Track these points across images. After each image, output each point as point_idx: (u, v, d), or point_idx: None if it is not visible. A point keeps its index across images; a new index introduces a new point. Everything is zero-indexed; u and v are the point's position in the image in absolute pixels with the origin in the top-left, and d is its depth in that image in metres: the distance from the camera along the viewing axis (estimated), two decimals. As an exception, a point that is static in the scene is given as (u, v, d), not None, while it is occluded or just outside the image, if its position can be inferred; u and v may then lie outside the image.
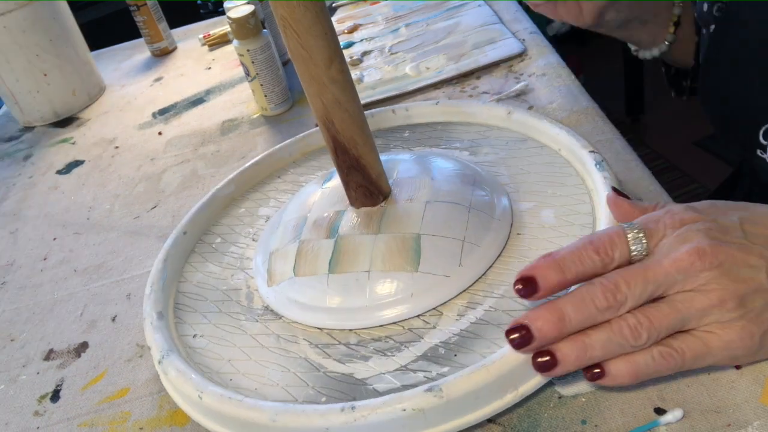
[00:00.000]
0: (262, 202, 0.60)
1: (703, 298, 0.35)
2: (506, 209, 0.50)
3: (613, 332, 0.35)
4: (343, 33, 0.95)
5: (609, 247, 0.36)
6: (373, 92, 0.77)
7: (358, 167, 0.47)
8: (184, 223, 0.56)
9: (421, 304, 0.44)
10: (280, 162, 0.64)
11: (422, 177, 0.50)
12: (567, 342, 0.36)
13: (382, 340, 0.44)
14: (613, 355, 0.36)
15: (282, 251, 0.49)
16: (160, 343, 0.45)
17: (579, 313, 0.35)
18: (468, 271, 0.45)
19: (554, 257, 0.37)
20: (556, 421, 0.37)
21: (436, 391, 0.36)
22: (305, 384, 0.42)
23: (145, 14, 1.02)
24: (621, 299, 0.35)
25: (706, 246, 0.35)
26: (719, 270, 0.34)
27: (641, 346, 0.35)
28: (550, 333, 0.35)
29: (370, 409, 0.37)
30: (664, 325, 0.35)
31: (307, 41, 0.42)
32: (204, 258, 0.55)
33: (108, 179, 0.76)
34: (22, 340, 0.55)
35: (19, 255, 0.67)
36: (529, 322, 0.36)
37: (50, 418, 0.47)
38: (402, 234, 0.46)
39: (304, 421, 0.38)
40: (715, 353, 0.35)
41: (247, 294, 0.50)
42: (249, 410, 0.39)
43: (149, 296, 0.49)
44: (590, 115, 0.62)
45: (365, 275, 0.45)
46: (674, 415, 0.36)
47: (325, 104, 0.44)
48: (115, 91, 0.99)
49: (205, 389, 0.41)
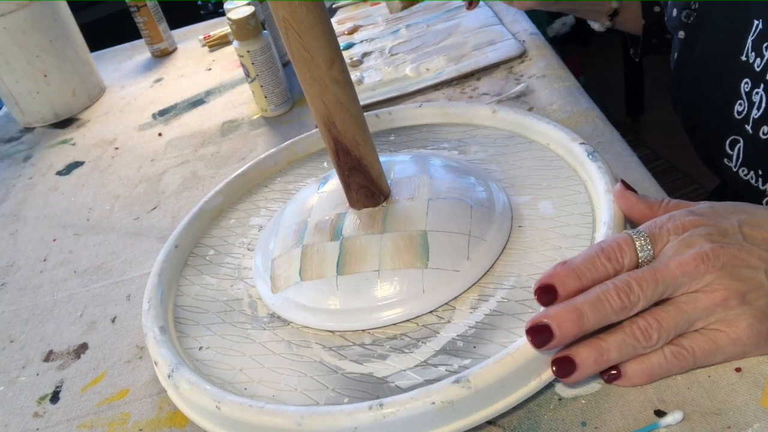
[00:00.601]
0: (252, 211, 0.59)
1: (707, 298, 0.36)
2: (505, 203, 0.50)
3: (626, 334, 0.37)
4: (343, 34, 0.95)
5: (619, 254, 0.38)
6: (374, 93, 0.77)
7: (359, 168, 0.47)
8: (175, 236, 0.55)
9: (434, 300, 0.44)
10: (267, 171, 0.63)
11: (420, 176, 0.51)
12: (584, 347, 0.37)
13: (397, 338, 0.44)
14: (628, 357, 0.37)
15: (285, 257, 0.49)
16: (167, 357, 0.44)
17: (596, 313, 0.36)
18: (476, 265, 0.46)
19: (570, 265, 0.38)
20: (556, 423, 0.37)
21: (464, 381, 0.36)
22: (324, 387, 0.42)
23: (146, 15, 1.02)
24: (634, 300, 0.36)
25: (708, 250, 0.36)
26: (721, 271, 0.36)
27: (652, 346, 0.37)
28: (569, 331, 0.36)
29: (399, 404, 0.36)
30: (672, 326, 0.36)
31: (309, 42, 0.42)
32: (199, 270, 0.54)
33: (108, 180, 0.76)
34: (21, 342, 0.55)
35: (19, 256, 0.67)
36: (549, 320, 0.37)
37: (50, 420, 0.47)
38: (408, 232, 0.46)
39: (331, 423, 0.37)
40: (724, 350, 0.37)
41: (249, 303, 0.50)
42: (272, 416, 0.38)
43: (148, 312, 0.48)
44: (590, 116, 0.62)
45: (375, 274, 0.45)
46: (674, 418, 0.36)
47: (327, 105, 0.44)
48: (115, 92, 0.99)
49: (222, 399, 0.40)
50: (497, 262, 0.47)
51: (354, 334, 0.45)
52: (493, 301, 0.44)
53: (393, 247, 0.45)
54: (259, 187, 0.62)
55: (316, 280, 0.46)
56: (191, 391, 0.42)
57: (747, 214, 0.39)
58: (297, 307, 0.47)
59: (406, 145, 0.62)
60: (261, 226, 0.57)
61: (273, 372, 0.44)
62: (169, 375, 0.43)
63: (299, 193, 0.56)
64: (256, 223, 0.58)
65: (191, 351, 0.47)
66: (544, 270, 0.43)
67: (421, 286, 0.44)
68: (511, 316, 0.43)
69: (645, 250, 0.38)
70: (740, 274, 0.36)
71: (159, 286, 0.51)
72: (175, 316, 0.50)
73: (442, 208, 0.47)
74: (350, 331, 0.45)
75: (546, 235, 0.48)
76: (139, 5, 1.01)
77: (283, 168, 0.64)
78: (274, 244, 0.51)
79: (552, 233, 0.48)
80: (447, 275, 0.45)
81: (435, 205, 0.48)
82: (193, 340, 0.48)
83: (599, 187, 0.47)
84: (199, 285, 0.52)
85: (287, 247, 0.49)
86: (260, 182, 0.63)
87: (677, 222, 0.39)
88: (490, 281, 0.46)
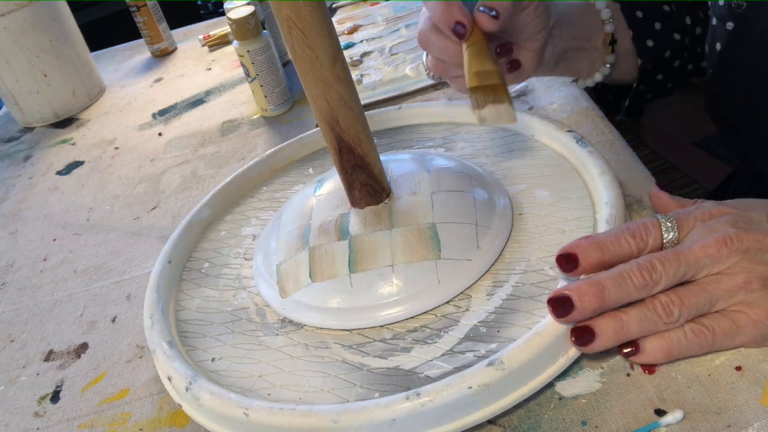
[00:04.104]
0: (242, 222, 0.58)
1: (729, 279, 0.37)
2: (504, 192, 0.52)
3: (647, 309, 0.37)
4: (343, 34, 0.95)
5: (644, 233, 0.40)
6: (373, 93, 0.77)
7: (362, 165, 0.47)
8: (168, 252, 0.54)
9: (450, 290, 0.45)
10: (252, 181, 0.63)
11: (418, 172, 0.51)
12: (605, 318, 0.38)
13: (418, 330, 0.44)
14: (648, 332, 0.38)
15: (291, 261, 0.48)
16: (182, 371, 0.43)
17: (617, 288, 0.37)
18: (486, 253, 0.46)
19: (594, 238, 0.39)
20: (557, 423, 0.37)
21: (498, 364, 0.37)
22: (352, 384, 0.41)
23: (146, 15, 1.02)
24: (656, 278, 0.37)
25: (732, 234, 0.37)
26: (744, 255, 0.37)
27: (673, 323, 0.37)
28: (590, 304, 0.37)
29: (436, 392, 0.36)
30: (694, 303, 0.37)
31: (312, 40, 0.42)
32: (196, 284, 0.53)
33: (108, 180, 0.76)
34: (21, 341, 0.55)
35: (19, 256, 0.67)
36: (570, 292, 0.37)
37: (50, 419, 0.47)
38: (417, 225, 0.46)
39: (368, 417, 0.37)
40: (744, 331, 0.37)
41: (257, 311, 0.49)
42: (306, 417, 0.38)
43: (152, 328, 0.47)
44: (590, 116, 0.62)
45: (389, 269, 0.45)
46: (675, 417, 0.36)
47: (331, 103, 0.44)
48: (115, 91, 0.99)
49: (250, 406, 0.39)
50: (505, 249, 0.47)
51: (373, 330, 0.45)
52: (507, 287, 0.45)
53: (404, 241, 0.46)
54: (246, 198, 0.61)
55: (329, 280, 0.46)
56: (214, 401, 0.40)
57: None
58: (310, 309, 0.46)
59: (391, 146, 0.63)
60: (254, 235, 0.56)
61: (295, 375, 0.43)
62: (187, 388, 0.41)
63: (293, 200, 0.56)
64: (249, 233, 0.57)
65: (204, 363, 0.46)
66: (552, 254, 0.44)
67: (436, 277, 0.45)
68: (529, 299, 0.43)
69: (670, 232, 0.39)
70: (763, 258, 0.37)
71: (158, 301, 0.49)
72: (179, 331, 0.49)
73: (446, 200, 0.48)
74: (368, 327, 0.45)
75: (548, 220, 0.49)
76: (139, 5, 1.01)
77: (268, 177, 0.63)
78: (275, 251, 0.51)
79: (553, 218, 0.49)
80: (460, 265, 0.45)
81: (439, 198, 0.48)
82: (204, 353, 0.47)
83: (593, 171, 0.49)
84: (199, 298, 0.51)
85: (292, 252, 0.49)
86: (246, 193, 0.62)
87: (704, 210, 0.40)
88: (501, 268, 0.46)
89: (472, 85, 0.45)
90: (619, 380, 0.39)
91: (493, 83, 0.44)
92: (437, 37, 0.49)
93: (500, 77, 0.45)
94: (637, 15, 0.58)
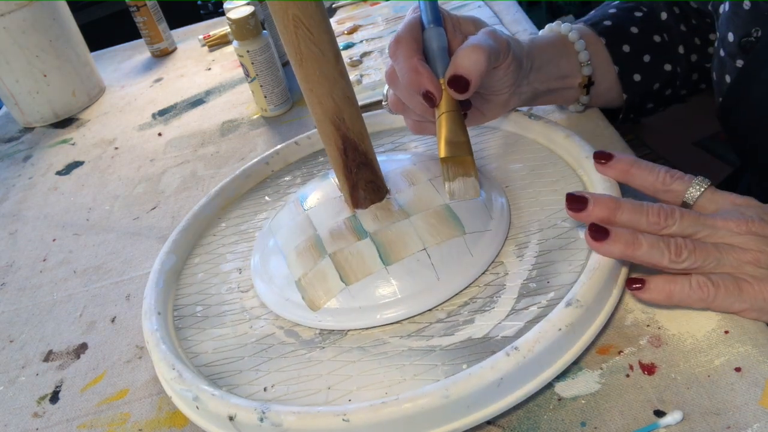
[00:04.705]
0: (216, 260, 0.55)
1: (741, 251, 0.39)
2: (487, 169, 0.55)
3: (661, 240, 0.40)
4: (343, 34, 0.95)
5: (672, 176, 0.43)
6: (373, 93, 0.77)
7: (366, 162, 0.47)
8: (152, 305, 0.49)
9: (483, 260, 0.46)
10: (206, 220, 0.59)
11: (404, 165, 0.52)
12: (622, 228, 0.40)
13: (469, 303, 0.44)
14: (653, 261, 0.40)
15: (313, 272, 0.46)
16: (245, 405, 0.39)
17: (631, 213, 0.41)
18: (501, 222, 0.49)
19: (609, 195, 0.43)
20: (556, 423, 0.37)
21: (575, 302, 0.39)
22: (434, 365, 0.41)
23: (145, 15, 1.02)
24: (670, 222, 0.40)
25: (756, 221, 0.40)
26: (760, 239, 0.39)
27: (678, 263, 0.39)
28: (600, 212, 0.41)
29: (532, 342, 0.38)
30: (703, 255, 0.39)
31: (319, 37, 0.42)
32: (199, 328, 0.49)
33: (107, 180, 0.76)
34: (21, 341, 0.55)
35: (19, 256, 0.67)
36: (589, 196, 0.42)
37: (49, 420, 0.47)
38: (432, 209, 0.47)
39: (477, 382, 0.36)
40: (745, 298, 0.39)
41: (286, 332, 0.46)
42: (413, 401, 0.36)
43: (185, 380, 0.42)
44: (590, 115, 0.62)
45: (423, 253, 0.45)
46: (674, 418, 0.36)
47: (336, 101, 0.44)
48: (115, 91, 0.99)
49: (347, 411, 0.37)
50: (512, 217, 0.50)
51: (422, 316, 0.44)
52: (533, 246, 0.47)
53: (427, 224, 0.46)
54: (206, 238, 0.58)
55: (364, 278, 0.45)
56: (302, 420, 0.37)
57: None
58: (351, 312, 0.45)
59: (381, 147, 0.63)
60: (240, 268, 0.53)
61: (367, 376, 0.41)
62: (261, 419, 0.38)
63: (277, 223, 0.53)
64: (231, 267, 0.54)
65: (258, 395, 0.42)
66: (555, 211, 0.49)
67: (467, 250, 0.46)
68: (559, 250, 0.46)
69: (697, 190, 0.42)
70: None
71: (169, 353, 0.45)
72: (207, 376, 0.45)
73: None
74: (418, 314, 0.44)
75: (534, 185, 0.52)
76: (139, 5, 1.01)
77: (222, 213, 0.60)
78: (287, 271, 0.48)
79: (538, 182, 0.52)
80: (483, 236, 0.47)
81: (438, 182, 0.50)
82: (250, 386, 0.43)
83: (555, 136, 0.54)
84: (209, 340, 0.48)
85: (310, 264, 0.47)
86: (204, 232, 0.58)
87: (738, 199, 0.42)
88: (517, 232, 0.49)
89: (444, 156, 0.46)
90: (618, 381, 0.39)
91: (463, 156, 0.46)
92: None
93: (470, 150, 0.46)
94: (624, 50, 0.57)
